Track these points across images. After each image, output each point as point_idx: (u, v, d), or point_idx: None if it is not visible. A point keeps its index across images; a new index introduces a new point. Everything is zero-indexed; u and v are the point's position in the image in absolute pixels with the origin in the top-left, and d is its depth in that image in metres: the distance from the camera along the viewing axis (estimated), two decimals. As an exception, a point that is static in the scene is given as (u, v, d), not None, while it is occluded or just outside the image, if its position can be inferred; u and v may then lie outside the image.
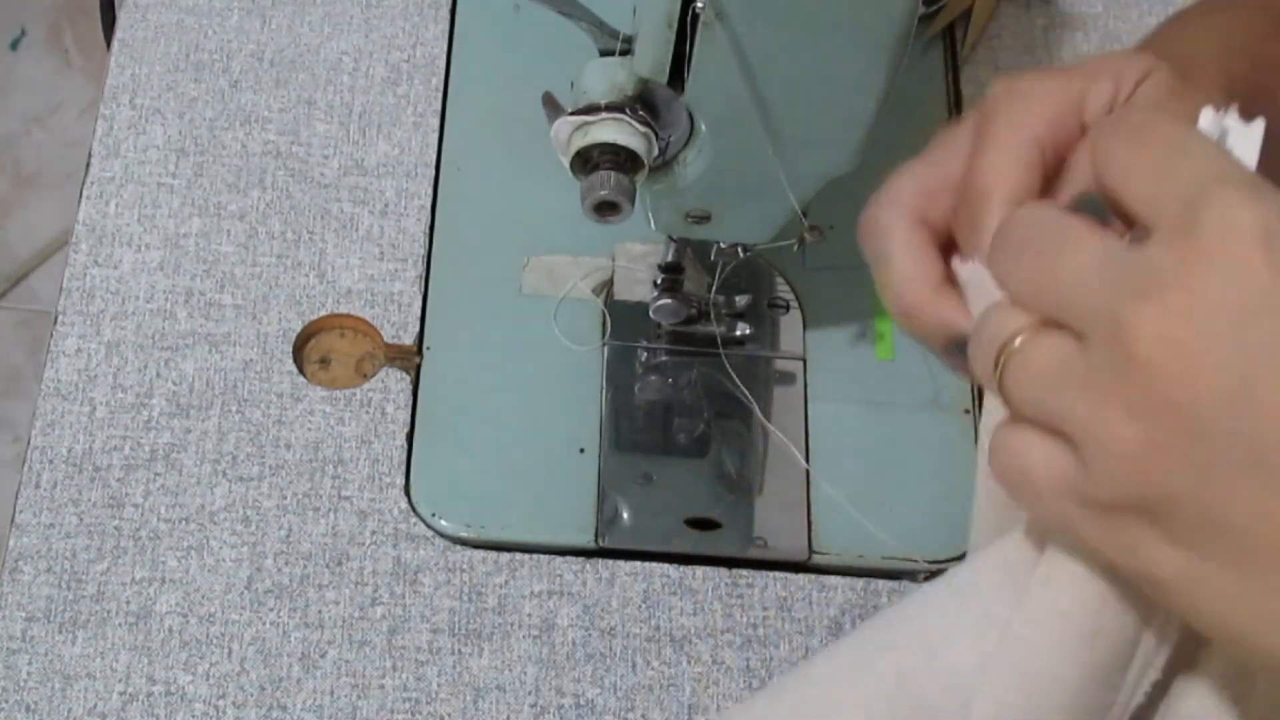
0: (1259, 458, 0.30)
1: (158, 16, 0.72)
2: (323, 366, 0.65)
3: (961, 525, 0.63)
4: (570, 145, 0.51)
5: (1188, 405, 0.31)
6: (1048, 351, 0.34)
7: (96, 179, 0.67)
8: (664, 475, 0.63)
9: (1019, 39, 0.75)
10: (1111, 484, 0.33)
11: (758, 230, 0.58)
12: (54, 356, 0.63)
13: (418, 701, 0.58)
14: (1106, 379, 0.32)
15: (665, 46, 0.48)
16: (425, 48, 0.72)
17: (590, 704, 0.58)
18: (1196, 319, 0.31)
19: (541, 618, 0.60)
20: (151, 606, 0.59)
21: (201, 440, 0.62)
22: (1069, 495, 0.34)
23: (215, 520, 0.61)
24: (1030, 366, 0.35)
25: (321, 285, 0.66)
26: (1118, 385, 0.32)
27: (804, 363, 0.66)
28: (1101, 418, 0.32)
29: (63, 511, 0.60)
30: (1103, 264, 0.33)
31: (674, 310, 0.63)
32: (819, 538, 0.62)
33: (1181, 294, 0.31)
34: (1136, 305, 0.31)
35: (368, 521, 0.61)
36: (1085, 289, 0.33)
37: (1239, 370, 0.30)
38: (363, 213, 0.68)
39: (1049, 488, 0.35)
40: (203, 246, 0.66)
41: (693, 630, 0.60)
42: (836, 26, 0.47)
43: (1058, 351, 0.34)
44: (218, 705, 0.57)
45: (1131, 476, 0.32)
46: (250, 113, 0.70)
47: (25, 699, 0.57)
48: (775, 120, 0.50)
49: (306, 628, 0.59)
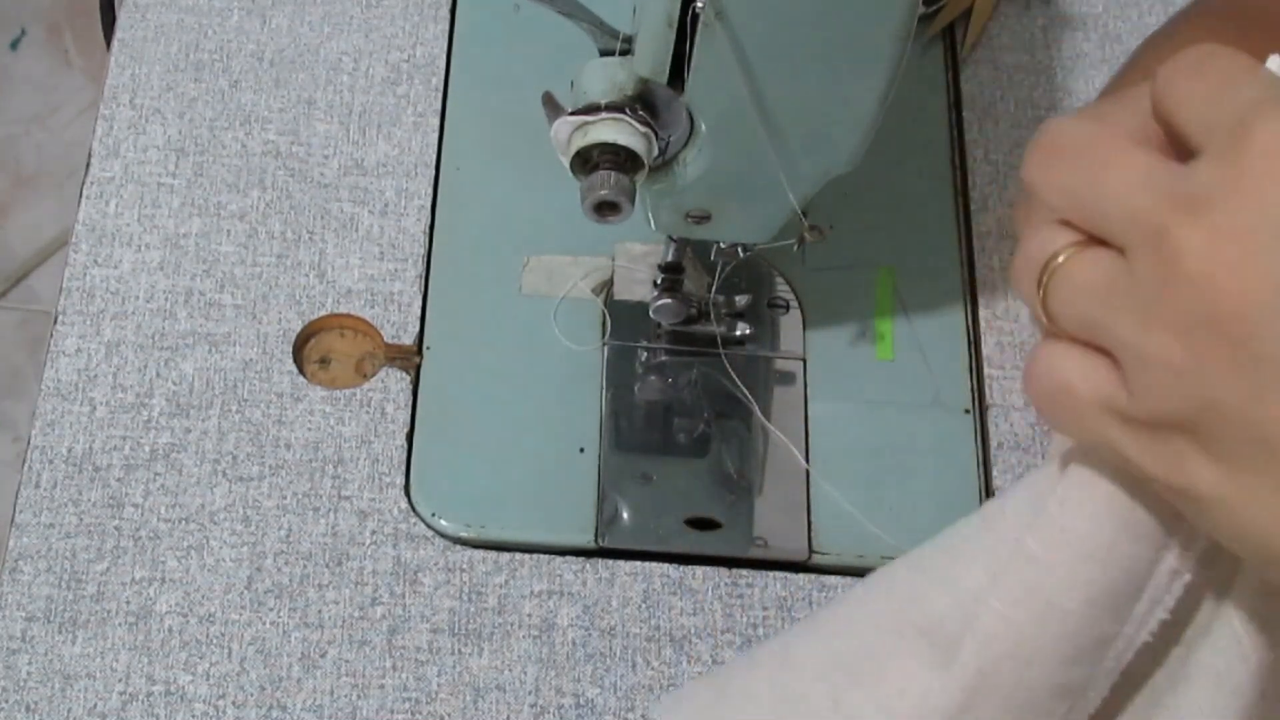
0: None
1: (158, 16, 0.72)
2: (323, 366, 0.65)
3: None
4: (570, 145, 0.51)
5: (1233, 320, 0.31)
6: (1092, 266, 0.34)
7: (96, 179, 0.67)
8: (664, 475, 0.63)
9: (1019, 39, 0.75)
10: (1155, 399, 0.33)
11: (758, 230, 0.58)
12: (54, 356, 0.63)
13: (418, 701, 0.58)
14: (1152, 294, 0.32)
15: (665, 46, 0.48)
16: (425, 48, 0.72)
17: (590, 704, 0.58)
18: (1243, 235, 0.31)
19: (541, 618, 0.60)
20: (151, 606, 0.59)
21: (201, 440, 0.62)
22: (1110, 412, 0.34)
23: (215, 520, 0.61)
24: (1074, 282, 0.35)
25: (321, 285, 0.66)
26: (1163, 300, 0.32)
27: (804, 363, 0.66)
28: (1146, 332, 0.32)
29: (63, 511, 0.60)
30: (1148, 178, 0.33)
31: (674, 310, 0.63)
32: (819, 538, 0.62)
33: (1229, 210, 0.31)
34: (1184, 220, 0.32)
35: (368, 521, 0.61)
36: (1130, 202, 0.33)
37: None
38: (363, 213, 0.68)
39: (1090, 403, 0.35)
40: (203, 246, 0.66)
41: (693, 630, 0.60)
42: (836, 26, 0.47)
43: (1102, 267, 0.34)
44: (218, 705, 0.57)
45: (1175, 392, 0.32)
46: (250, 113, 0.70)
47: (25, 699, 0.57)
48: (775, 120, 0.50)
49: (306, 628, 0.59)
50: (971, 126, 0.72)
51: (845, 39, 0.47)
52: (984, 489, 0.64)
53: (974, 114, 0.72)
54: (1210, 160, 0.32)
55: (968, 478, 0.64)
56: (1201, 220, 0.31)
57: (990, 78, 0.74)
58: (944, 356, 0.66)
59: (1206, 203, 0.32)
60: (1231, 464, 0.32)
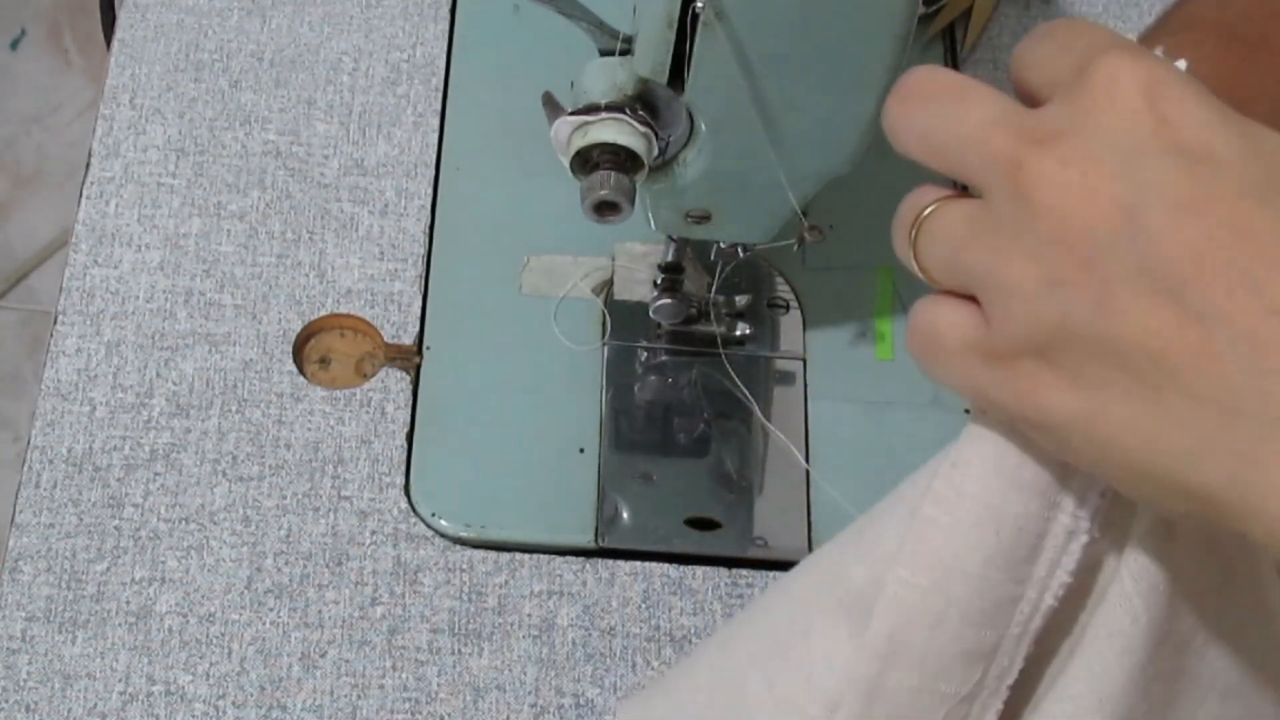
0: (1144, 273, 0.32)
1: (158, 16, 0.72)
2: (323, 366, 0.65)
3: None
4: (570, 145, 0.51)
5: (1081, 239, 0.33)
6: (953, 214, 0.36)
7: (96, 179, 0.67)
8: (664, 475, 0.63)
9: (1019, 39, 0.75)
10: (1012, 328, 0.34)
11: (758, 230, 0.58)
12: (54, 356, 0.63)
13: (418, 701, 0.58)
14: (1008, 228, 0.34)
15: (665, 46, 0.48)
16: (425, 48, 0.72)
17: (590, 704, 0.58)
18: (1089, 159, 0.33)
19: (541, 618, 0.60)
20: (151, 606, 0.59)
21: (201, 440, 0.62)
22: (974, 351, 0.36)
23: (215, 520, 0.61)
24: (937, 230, 0.37)
25: (321, 285, 0.66)
26: (1017, 232, 0.34)
27: (804, 363, 0.66)
28: (1002, 263, 0.34)
29: (63, 511, 0.60)
30: (1000, 118, 0.35)
31: (674, 310, 0.63)
32: (819, 538, 0.62)
33: (1074, 141, 0.33)
34: (1035, 153, 0.34)
35: (368, 521, 0.61)
36: (985, 142, 0.35)
37: (1127, 201, 0.32)
38: (363, 213, 0.68)
39: (955, 347, 0.36)
40: (203, 246, 0.66)
41: (693, 630, 0.60)
42: (836, 26, 0.47)
43: (962, 211, 0.36)
44: (218, 705, 0.57)
45: (1029, 315, 0.34)
46: (250, 113, 0.70)
47: (25, 699, 0.57)
48: (775, 120, 0.50)
49: (306, 628, 0.59)
50: (971, 126, 0.72)
51: (845, 39, 0.47)
52: (984, 489, 0.64)
53: (974, 114, 0.72)
54: (1058, 100, 0.35)
55: (968, 478, 0.64)
56: (1052, 151, 0.33)
57: (990, 78, 0.74)
58: (944, 356, 0.66)
59: (1056, 135, 0.33)
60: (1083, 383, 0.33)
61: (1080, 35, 0.36)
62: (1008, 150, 0.34)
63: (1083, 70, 0.34)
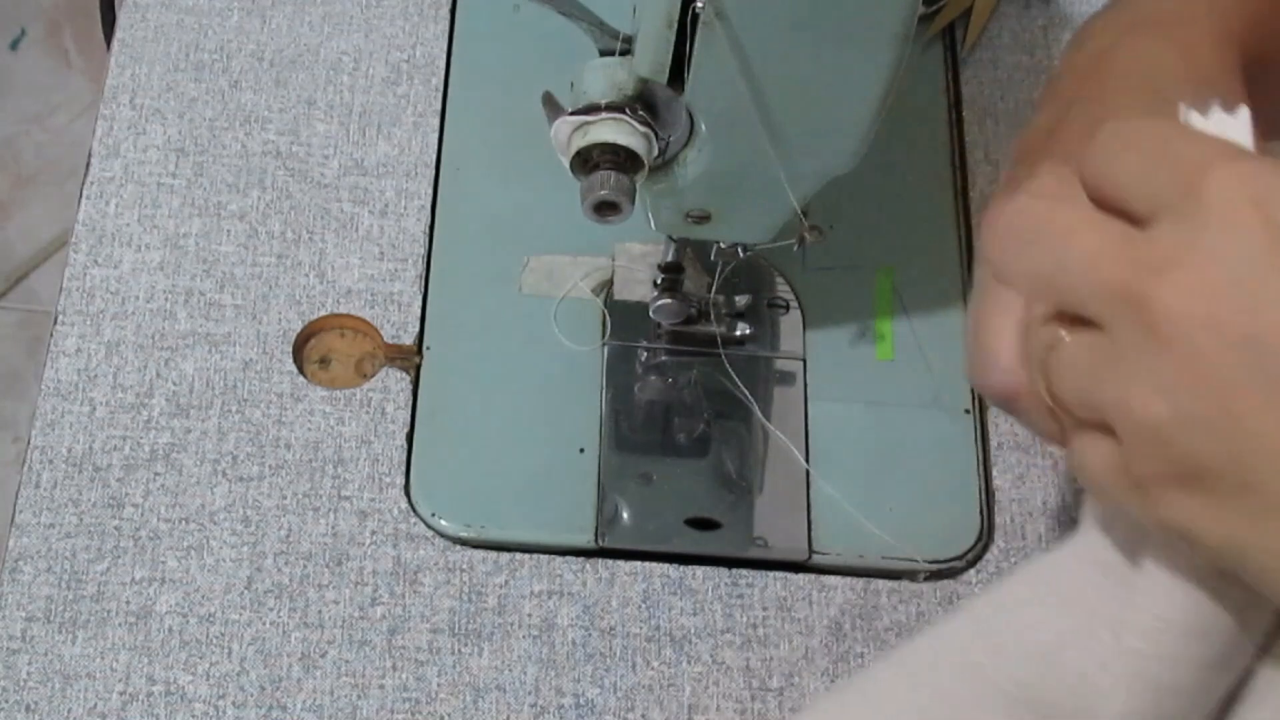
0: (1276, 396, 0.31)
1: (158, 16, 0.72)
2: (323, 366, 0.65)
3: (961, 525, 0.63)
4: (570, 145, 0.51)
5: (1211, 375, 0.32)
6: (1078, 349, 0.36)
7: (96, 179, 0.67)
8: (664, 475, 0.63)
9: (1019, 39, 0.75)
10: (1151, 464, 0.34)
11: (758, 230, 0.58)
12: (54, 356, 0.63)
13: (418, 701, 0.58)
14: (1133, 360, 0.33)
15: (665, 46, 0.48)
16: (425, 48, 0.72)
17: (590, 704, 0.58)
18: (1211, 290, 0.32)
19: (541, 618, 0.60)
20: (151, 606, 0.59)
21: (201, 440, 0.62)
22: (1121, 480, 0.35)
23: (215, 520, 0.61)
24: (1065, 366, 0.36)
25: (321, 285, 0.66)
26: (1144, 364, 0.33)
27: (804, 363, 0.66)
28: (1132, 396, 0.33)
29: (63, 511, 0.60)
30: (1110, 247, 0.34)
31: (674, 310, 0.63)
32: (819, 538, 0.62)
33: (1194, 267, 0.32)
34: (1153, 283, 0.32)
35: (368, 521, 0.61)
36: (1098, 275, 0.34)
37: (1254, 333, 0.31)
38: (363, 213, 0.68)
39: (1102, 477, 0.36)
40: (203, 246, 0.66)
41: (693, 630, 0.60)
42: (836, 26, 0.47)
43: (1086, 345, 0.35)
44: (218, 705, 0.57)
45: (1165, 451, 0.33)
46: (250, 113, 0.70)
47: (25, 699, 0.57)
48: (775, 120, 0.50)
49: (306, 628, 0.59)
50: (971, 126, 0.72)
51: (845, 40, 0.47)
52: (984, 489, 0.64)
53: (974, 114, 0.72)
54: (1168, 221, 0.33)
55: (968, 478, 0.64)
56: (1170, 280, 0.32)
57: (990, 78, 0.74)
58: (944, 356, 0.66)
59: (1173, 263, 0.32)
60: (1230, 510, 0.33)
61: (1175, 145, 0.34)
62: (1124, 282, 0.33)
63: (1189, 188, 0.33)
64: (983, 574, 0.62)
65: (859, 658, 0.60)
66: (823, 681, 0.59)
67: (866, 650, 0.60)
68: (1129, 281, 0.33)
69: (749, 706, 0.59)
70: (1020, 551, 0.63)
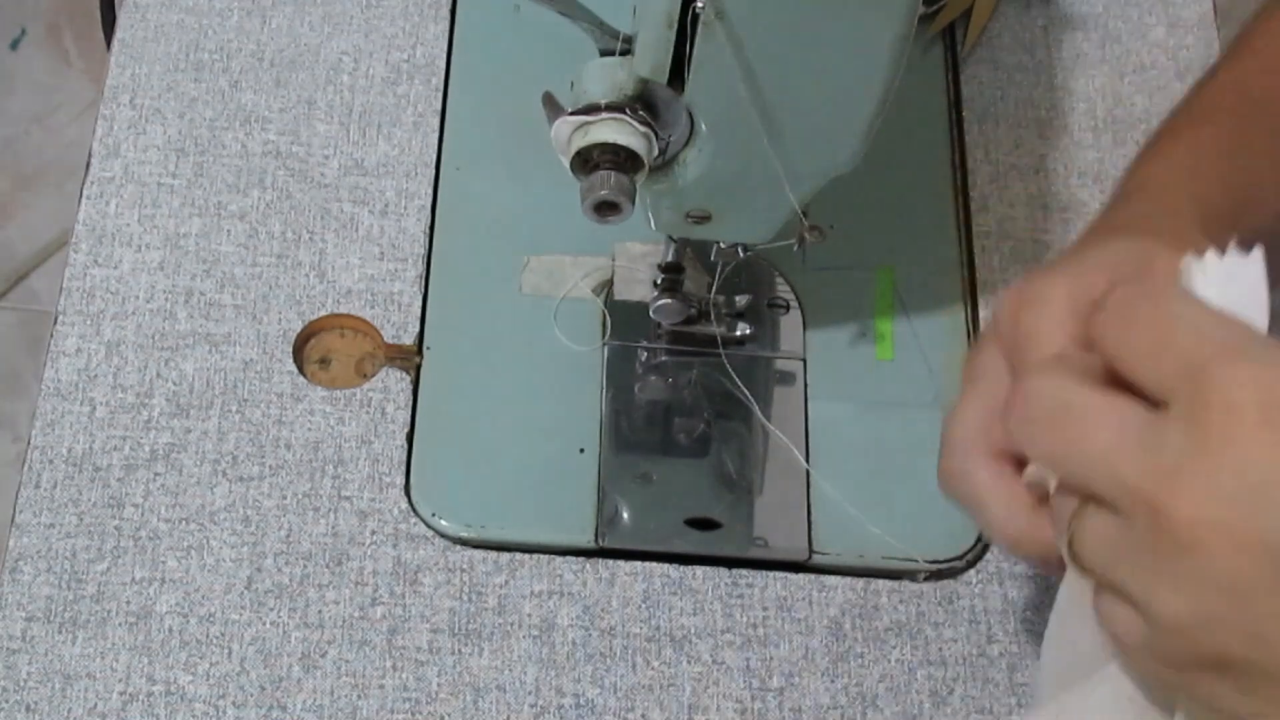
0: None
1: (158, 16, 0.72)
2: (323, 366, 0.65)
3: (961, 525, 0.63)
4: (570, 145, 0.51)
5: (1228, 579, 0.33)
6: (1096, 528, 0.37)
7: (96, 179, 0.67)
8: (664, 475, 0.63)
9: (1019, 39, 0.75)
10: (1173, 649, 0.35)
11: (758, 230, 0.58)
12: (54, 356, 0.63)
13: (418, 701, 0.58)
14: (1151, 556, 0.35)
15: (665, 46, 0.48)
16: (425, 48, 0.72)
17: (590, 704, 0.58)
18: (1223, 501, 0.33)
19: (541, 618, 0.60)
20: (151, 606, 0.59)
21: (201, 440, 0.62)
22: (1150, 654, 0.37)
23: (215, 520, 0.61)
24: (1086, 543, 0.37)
25: (321, 285, 0.66)
26: (1162, 564, 0.34)
27: (804, 363, 0.66)
28: (1153, 592, 0.35)
29: (63, 511, 0.60)
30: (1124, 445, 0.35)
31: (674, 310, 0.63)
32: (819, 538, 0.62)
33: (1205, 474, 0.33)
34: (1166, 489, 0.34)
35: (368, 521, 0.61)
36: (1112, 467, 0.35)
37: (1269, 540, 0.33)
38: (363, 213, 0.68)
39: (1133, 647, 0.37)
40: (203, 246, 0.66)
41: (693, 630, 0.60)
42: (836, 27, 0.47)
43: (1104, 528, 0.37)
44: (218, 705, 0.57)
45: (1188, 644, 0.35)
46: (250, 113, 0.70)
47: (25, 699, 0.57)
48: (775, 120, 0.50)
49: (306, 628, 0.59)
50: (971, 126, 0.72)
51: (845, 39, 0.47)
52: (984, 489, 0.64)
53: (974, 114, 0.72)
54: (1176, 421, 0.34)
55: (968, 478, 0.64)
56: (1182, 488, 0.34)
57: (990, 78, 0.74)
58: (944, 356, 0.66)
59: (1184, 470, 0.34)
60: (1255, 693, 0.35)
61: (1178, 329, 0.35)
62: (1139, 484, 0.35)
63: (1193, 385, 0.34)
64: (982, 574, 0.62)
65: (859, 658, 0.60)
66: (823, 681, 0.59)
67: (866, 650, 0.60)
68: (1145, 485, 0.34)
69: (749, 706, 0.59)
70: (1020, 551, 0.63)
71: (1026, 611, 0.61)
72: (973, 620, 0.61)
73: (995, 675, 0.60)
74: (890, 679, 0.60)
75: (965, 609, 0.61)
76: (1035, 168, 0.71)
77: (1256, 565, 0.33)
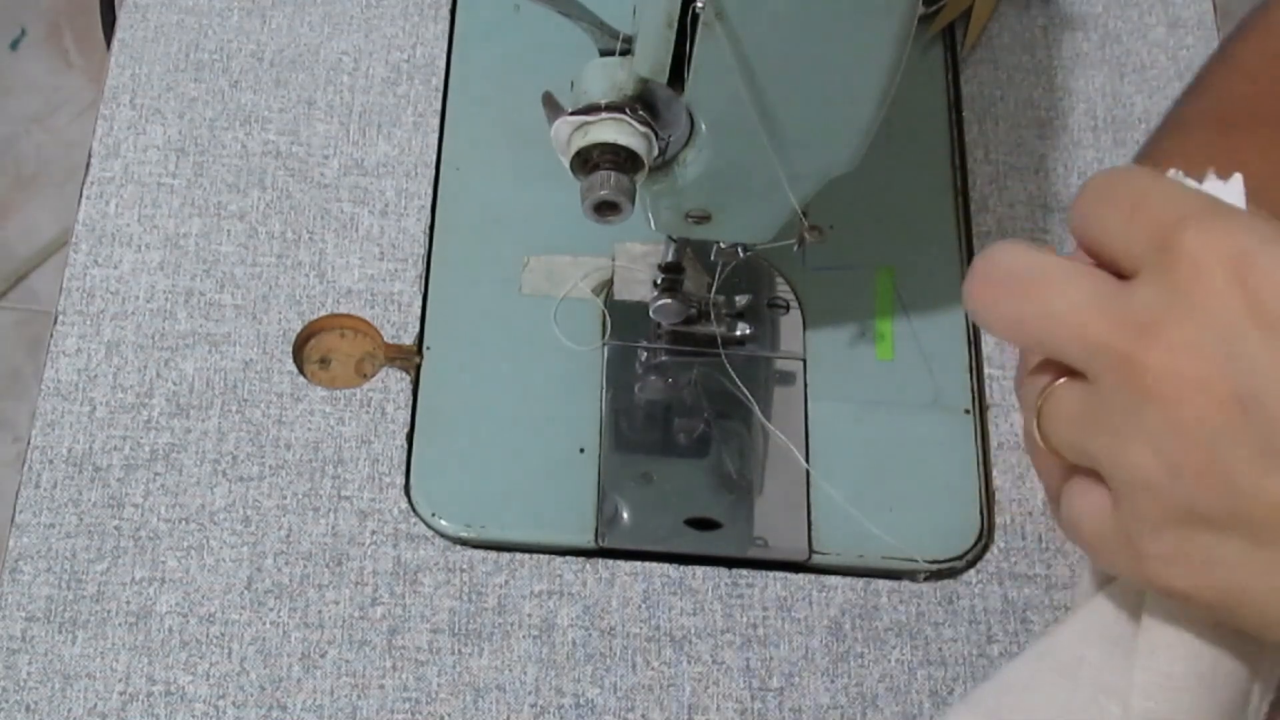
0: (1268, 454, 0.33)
1: (158, 16, 0.72)
2: (323, 366, 0.65)
3: (961, 525, 0.63)
4: (570, 145, 0.51)
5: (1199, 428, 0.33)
6: (1068, 399, 0.37)
7: (96, 179, 0.67)
8: (664, 475, 0.63)
9: (1019, 39, 0.75)
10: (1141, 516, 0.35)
11: (758, 230, 0.58)
12: (54, 356, 0.63)
13: (418, 701, 0.58)
14: (1122, 416, 0.35)
15: (665, 46, 0.48)
16: (425, 48, 0.72)
17: (590, 704, 0.58)
18: (1193, 350, 0.33)
19: (541, 618, 0.60)
20: (151, 606, 0.59)
21: (201, 440, 0.62)
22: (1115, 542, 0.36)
23: (215, 520, 0.61)
24: (1055, 415, 0.37)
25: (321, 285, 0.66)
26: (1133, 420, 0.34)
27: (804, 363, 0.66)
28: (1122, 452, 0.35)
29: (63, 511, 0.60)
30: (1094, 303, 0.35)
31: (674, 310, 0.63)
32: (819, 538, 0.62)
33: (1174, 329, 0.33)
34: (1137, 344, 0.34)
35: (368, 521, 0.61)
36: (1082, 331, 0.35)
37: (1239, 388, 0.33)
38: (363, 213, 0.68)
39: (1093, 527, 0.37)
40: (203, 246, 0.66)
41: (693, 630, 0.60)
42: (836, 26, 0.47)
43: (1074, 396, 0.36)
44: (218, 705, 0.57)
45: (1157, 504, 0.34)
46: (250, 113, 0.70)
47: (25, 699, 0.57)
48: (775, 120, 0.50)
49: (306, 628, 0.59)
50: (971, 126, 0.72)
51: (845, 39, 0.47)
52: (984, 489, 0.64)
53: (974, 114, 0.72)
54: (1147, 280, 0.35)
55: (968, 478, 0.64)
56: (1155, 341, 0.34)
57: (990, 78, 0.74)
58: (944, 356, 0.66)
59: (1155, 323, 0.34)
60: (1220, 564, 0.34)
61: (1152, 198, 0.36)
62: (1109, 340, 0.35)
63: (1164, 246, 0.34)
64: (982, 574, 0.62)
65: (859, 658, 0.60)
66: (823, 681, 0.59)
67: (866, 650, 0.60)
68: (1115, 340, 0.34)
69: (749, 706, 0.59)
70: (1020, 551, 0.63)
71: (1026, 611, 0.61)
72: (973, 620, 0.61)
73: (995, 675, 0.60)
74: (890, 679, 0.60)
75: (965, 609, 0.61)
76: (1035, 168, 0.71)
77: (1226, 414, 0.33)
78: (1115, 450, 0.35)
